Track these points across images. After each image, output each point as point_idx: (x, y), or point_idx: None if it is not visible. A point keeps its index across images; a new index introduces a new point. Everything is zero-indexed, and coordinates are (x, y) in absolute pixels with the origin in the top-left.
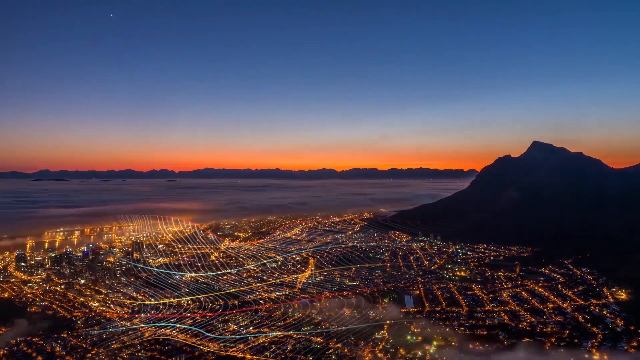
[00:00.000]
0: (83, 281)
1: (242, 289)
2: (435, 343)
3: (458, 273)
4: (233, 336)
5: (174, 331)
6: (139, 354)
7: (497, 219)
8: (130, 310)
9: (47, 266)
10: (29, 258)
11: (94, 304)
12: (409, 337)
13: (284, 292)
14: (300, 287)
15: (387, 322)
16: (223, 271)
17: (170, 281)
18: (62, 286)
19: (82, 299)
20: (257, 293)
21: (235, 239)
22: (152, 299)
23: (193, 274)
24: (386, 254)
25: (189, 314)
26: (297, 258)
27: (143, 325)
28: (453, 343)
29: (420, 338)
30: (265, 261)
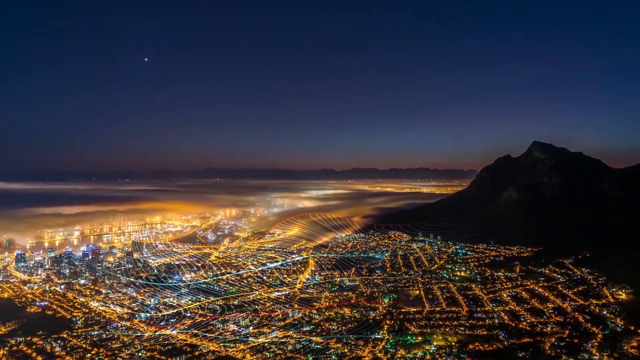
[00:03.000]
0: (83, 281)
1: (241, 289)
2: (435, 343)
3: (458, 273)
4: (233, 336)
5: (173, 331)
6: (139, 354)
7: (497, 219)
8: (130, 311)
9: (47, 266)
10: (28, 258)
11: (93, 304)
12: (409, 337)
13: (283, 293)
14: (300, 287)
15: (387, 322)
16: (223, 271)
17: (170, 281)
18: (62, 286)
19: (82, 299)
20: (257, 293)
21: (235, 238)
22: (152, 299)
23: (193, 274)
24: (386, 254)
25: (188, 314)
26: (296, 258)
27: (143, 325)
28: (453, 343)
29: (420, 338)
30: (265, 261)
